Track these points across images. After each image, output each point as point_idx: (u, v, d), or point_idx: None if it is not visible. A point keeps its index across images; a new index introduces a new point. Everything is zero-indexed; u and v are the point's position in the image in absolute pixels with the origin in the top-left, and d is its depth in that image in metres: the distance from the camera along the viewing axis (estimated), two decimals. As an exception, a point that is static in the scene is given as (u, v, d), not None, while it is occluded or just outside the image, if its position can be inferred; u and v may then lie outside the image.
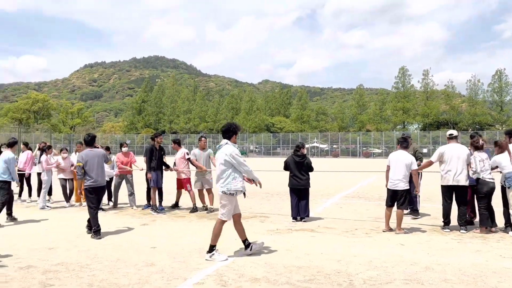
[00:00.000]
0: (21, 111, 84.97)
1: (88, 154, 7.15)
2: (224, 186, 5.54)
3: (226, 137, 5.77)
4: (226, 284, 4.42)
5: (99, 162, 7.19)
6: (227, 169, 5.56)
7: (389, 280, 4.54)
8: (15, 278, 4.68)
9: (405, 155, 7.21)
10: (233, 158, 5.53)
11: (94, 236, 6.78)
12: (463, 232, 7.03)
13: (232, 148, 5.64)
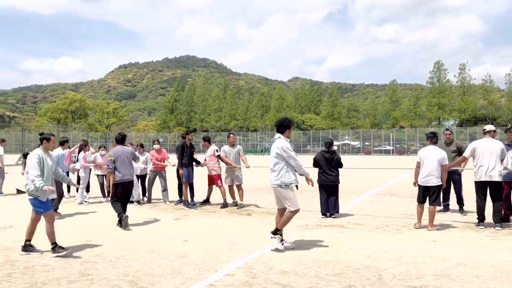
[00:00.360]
0: (59, 111, 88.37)
1: (118, 151, 7.79)
2: (278, 180, 5.70)
3: (279, 131, 5.94)
4: (256, 276, 4.52)
5: (128, 159, 7.80)
6: (279, 162, 5.73)
7: (420, 275, 4.51)
8: (56, 267, 4.96)
9: (437, 150, 7.09)
10: (284, 151, 5.67)
11: (118, 224, 7.39)
12: (498, 229, 6.83)
13: (283, 141, 5.78)
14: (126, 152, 7.84)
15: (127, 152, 7.87)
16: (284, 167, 5.72)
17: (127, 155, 7.82)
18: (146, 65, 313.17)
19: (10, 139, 75.41)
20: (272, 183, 5.81)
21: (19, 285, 4.31)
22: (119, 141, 8.06)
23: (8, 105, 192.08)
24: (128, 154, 7.86)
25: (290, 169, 5.73)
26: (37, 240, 5.82)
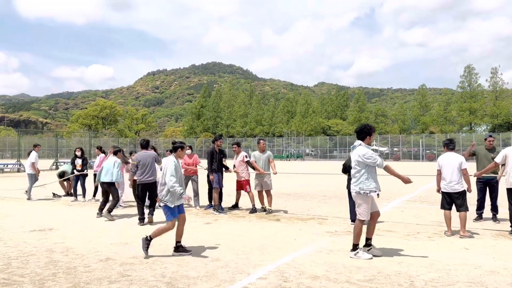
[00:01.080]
0: (90, 117, 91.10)
1: (142, 155, 8.66)
2: (356, 186, 5.74)
3: (359, 138, 5.96)
4: (288, 280, 4.63)
5: (150, 162, 8.60)
6: (361, 169, 5.73)
7: (452, 282, 4.50)
8: (97, 268, 5.22)
9: (454, 156, 7.15)
10: (367, 159, 5.67)
11: (139, 223, 8.35)
12: None
13: (364, 149, 5.79)
14: (148, 156, 8.63)
15: (150, 155, 8.66)
16: (364, 174, 5.70)
17: (149, 158, 8.59)
18: (173, 72, 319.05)
19: (43, 145, 78.18)
20: (351, 189, 5.84)
21: (63, 285, 4.57)
22: (143, 146, 8.96)
23: (41, 111, 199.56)
24: (151, 157, 8.65)
25: (371, 177, 5.72)
26: (74, 242, 6.10)
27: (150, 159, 8.63)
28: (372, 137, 5.93)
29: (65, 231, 7.67)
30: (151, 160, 8.63)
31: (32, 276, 4.90)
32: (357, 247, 5.64)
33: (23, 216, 9.54)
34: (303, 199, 12.56)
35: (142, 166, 8.56)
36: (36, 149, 13.21)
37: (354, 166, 5.83)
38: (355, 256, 5.55)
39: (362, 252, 5.59)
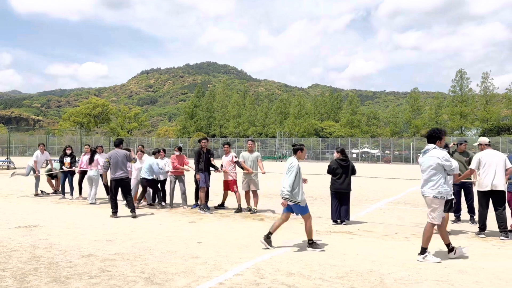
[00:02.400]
0: (82, 115, 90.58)
1: (113, 153, 9.35)
2: (435, 190, 5.68)
3: (431, 142, 5.93)
4: (263, 277, 4.79)
5: (121, 161, 9.24)
6: (438, 173, 5.69)
7: (420, 280, 4.69)
8: (78, 264, 5.33)
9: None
10: (446, 161, 5.68)
11: (112, 215, 9.04)
12: (503, 239, 6.93)
13: (444, 152, 5.83)
14: (119, 154, 9.29)
15: (120, 154, 9.31)
16: (442, 178, 5.69)
17: (120, 157, 9.26)
18: (167, 71, 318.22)
19: (34, 142, 77.75)
20: (427, 193, 5.77)
21: (44, 279, 4.69)
22: (116, 145, 9.61)
23: (33, 108, 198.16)
24: (121, 156, 9.31)
25: (446, 181, 5.78)
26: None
27: (121, 157, 9.26)
28: (442, 141, 5.94)
29: (50, 228, 7.76)
30: (122, 158, 9.26)
31: (14, 270, 5.00)
32: (426, 250, 5.60)
33: (9, 212, 9.60)
34: (290, 199, 12.72)
35: (114, 164, 9.21)
36: (40, 148, 13.35)
37: (429, 170, 5.73)
38: (424, 259, 5.52)
39: (431, 256, 5.59)
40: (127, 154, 9.49)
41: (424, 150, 5.95)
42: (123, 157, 9.33)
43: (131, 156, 9.64)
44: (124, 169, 9.28)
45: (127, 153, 9.52)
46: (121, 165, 9.25)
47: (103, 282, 4.55)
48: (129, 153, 9.61)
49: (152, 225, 8.23)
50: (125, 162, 9.34)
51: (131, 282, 4.55)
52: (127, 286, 4.43)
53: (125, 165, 9.34)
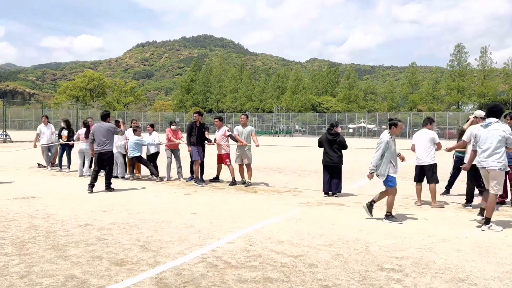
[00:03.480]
0: (78, 89, 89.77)
1: (97, 127, 9.23)
2: (500, 163, 5.86)
3: (492, 116, 6.07)
4: (254, 244, 4.98)
5: (104, 134, 9.11)
6: (501, 146, 5.88)
7: (404, 248, 4.89)
8: (75, 233, 5.51)
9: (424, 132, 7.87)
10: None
11: (88, 188, 8.85)
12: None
13: (507, 126, 6.05)
14: (103, 128, 9.15)
15: (103, 127, 9.17)
16: (504, 151, 5.89)
17: (103, 130, 9.13)
18: (163, 44, 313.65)
19: (30, 116, 77.44)
20: (490, 165, 5.89)
21: (42, 246, 4.86)
22: (102, 118, 9.44)
23: (28, 82, 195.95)
24: (105, 129, 9.16)
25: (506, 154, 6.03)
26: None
27: (104, 131, 9.13)
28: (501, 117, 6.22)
29: (47, 199, 7.92)
30: (105, 132, 9.13)
31: (13, 239, 5.17)
32: (490, 221, 5.82)
33: (7, 184, 9.74)
34: (283, 173, 12.93)
35: (97, 137, 9.15)
36: (43, 120, 13.37)
37: (495, 142, 5.88)
38: (489, 229, 5.75)
39: (495, 225, 5.82)
40: (112, 127, 9.32)
41: (486, 124, 6.08)
42: (107, 130, 9.17)
43: (116, 129, 9.42)
44: (106, 142, 9.14)
45: (112, 127, 9.35)
46: (104, 138, 9.11)
47: (100, 249, 4.73)
48: (114, 127, 9.44)
49: (148, 197, 8.40)
50: (108, 135, 9.18)
51: (127, 250, 4.73)
52: (122, 253, 4.61)
53: (108, 138, 9.17)
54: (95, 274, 3.94)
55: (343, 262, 4.36)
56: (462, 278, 3.94)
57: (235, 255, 4.58)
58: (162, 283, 3.75)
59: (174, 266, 4.20)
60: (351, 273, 4.04)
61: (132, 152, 10.78)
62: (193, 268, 4.14)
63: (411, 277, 3.94)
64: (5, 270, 4.04)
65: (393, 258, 4.53)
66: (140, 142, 10.84)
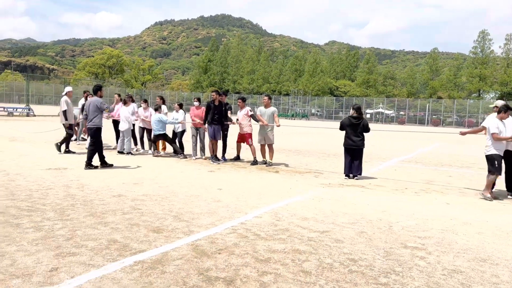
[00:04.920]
0: (97, 65, 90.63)
1: (87, 102, 9.23)
2: None
3: None
4: (280, 219, 5.21)
5: (91, 109, 8.96)
6: None
7: (426, 229, 5.06)
8: (110, 202, 5.82)
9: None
10: None
11: (85, 167, 8.63)
12: (510, 197, 7.24)
13: None
14: (91, 102, 9.04)
15: (92, 102, 9.04)
16: None
17: (92, 105, 8.99)
18: (181, 22, 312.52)
19: (50, 91, 78.79)
20: None
21: (82, 213, 5.17)
22: (93, 92, 9.35)
23: (47, 57, 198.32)
24: (92, 104, 9.00)
25: None
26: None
27: (92, 106, 8.96)
28: None
29: (78, 171, 8.28)
30: (91, 107, 8.95)
31: (53, 205, 5.50)
32: None
33: (38, 156, 10.16)
34: (303, 155, 13.10)
35: (87, 112, 9.09)
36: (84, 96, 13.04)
37: None
38: None
39: None
40: (98, 102, 9.03)
41: None
42: (94, 105, 8.98)
43: (102, 105, 9.06)
44: (92, 118, 8.94)
45: (99, 101, 9.05)
46: (91, 113, 8.96)
47: (136, 218, 5.02)
48: (101, 101, 9.10)
49: (174, 172, 8.70)
50: (95, 111, 8.94)
51: (161, 219, 5.01)
52: (158, 221, 4.89)
53: (96, 115, 8.94)
54: (135, 239, 4.23)
55: (368, 239, 4.56)
56: (483, 258, 4.10)
57: (264, 228, 4.82)
58: (198, 249, 4.01)
59: (208, 235, 4.46)
60: (376, 249, 4.23)
61: (156, 130, 11.03)
62: (225, 238, 4.39)
63: (434, 255, 4.12)
64: (51, 233, 4.36)
65: (416, 237, 4.70)
66: (162, 120, 11.03)
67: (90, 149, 8.85)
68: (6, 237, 4.16)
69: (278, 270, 3.60)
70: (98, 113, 9.00)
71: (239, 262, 3.74)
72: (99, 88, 9.27)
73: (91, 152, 8.79)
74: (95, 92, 9.24)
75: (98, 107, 8.98)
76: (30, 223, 4.66)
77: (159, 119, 11.02)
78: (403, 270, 3.69)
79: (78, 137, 13.67)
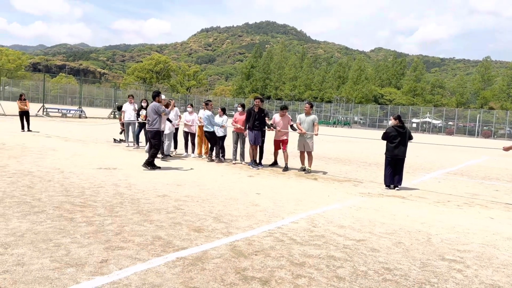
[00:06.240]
0: (145, 70, 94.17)
1: (149, 106, 9.81)
2: None
3: None
4: (316, 226, 5.30)
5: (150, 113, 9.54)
6: None
7: (466, 242, 4.96)
8: (155, 201, 6.14)
9: None
10: None
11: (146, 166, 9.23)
12: None
13: None
14: (151, 107, 9.57)
15: (150, 107, 9.62)
16: None
17: (150, 109, 9.58)
18: (226, 29, 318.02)
19: (100, 95, 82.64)
20: None
21: (129, 211, 5.51)
22: (152, 97, 9.88)
23: (99, 62, 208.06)
24: (150, 108, 9.60)
25: None
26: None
27: (150, 110, 9.58)
28: None
29: (127, 171, 8.75)
30: (150, 111, 9.56)
31: (103, 202, 5.90)
32: None
33: (89, 156, 10.80)
34: (343, 163, 13.03)
35: (148, 116, 9.69)
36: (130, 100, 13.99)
37: None
38: None
39: None
40: (156, 106, 9.56)
41: None
42: (151, 110, 9.55)
43: (159, 109, 9.58)
44: (150, 121, 9.50)
45: (156, 106, 9.58)
46: (150, 117, 9.55)
47: (179, 217, 5.29)
48: (158, 105, 9.60)
49: (215, 175, 8.98)
50: (152, 115, 9.49)
51: (202, 219, 5.25)
52: (199, 222, 5.13)
53: (155, 119, 9.48)
54: (177, 237, 4.48)
55: (405, 250, 4.55)
56: (525, 275, 3.99)
57: (300, 233, 4.93)
58: (236, 250, 4.19)
59: (245, 237, 4.64)
60: (412, 260, 4.23)
61: (206, 127, 11.37)
62: (262, 240, 4.55)
63: (472, 269, 4.06)
64: (102, 228, 4.70)
65: (455, 250, 4.64)
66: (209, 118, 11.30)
67: (152, 151, 9.41)
68: (62, 230, 4.54)
69: (312, 274, 3.70)
70: (158, 117, 9.55)
71: (274, 264, 3.88)
72: (158, 94, 9.86)
73: (152, 154, 9.39)
74: (154, 97, 9.81)
75: (156, 111, 9.54)
76: (83, 218, 5.04)
77: (207, 117, 11.35)
78: (438, 282, 3.69)
79: (127, 137, 14.26)
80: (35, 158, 9.72)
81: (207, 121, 11.37)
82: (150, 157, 9.37)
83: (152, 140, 9.56)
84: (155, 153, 9.46)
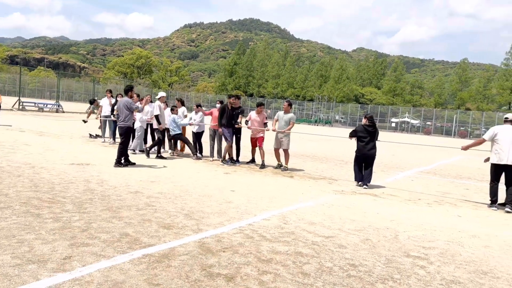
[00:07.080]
0: (126, 65, 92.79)
1: (119, 101, 9.62)
2: None
3: None
4: (287, 223, 5.33)
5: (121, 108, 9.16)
6: None
7: (432, 239, 5.08)
8: (127, 198, 6.07)
9: None
10: None
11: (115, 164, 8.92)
12: (508, 210, 7.14)
13: None
14: (123, 102, 9.23)
15: (123, 102, 9.23)
16: None
17: (121, 105, 9.22)
18: (210, 25, 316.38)
19: (80, 88, 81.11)
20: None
21: (99, 207, 5.44)
22: (124, 92, 9.63)
23: (79, 55, 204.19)
24: (122, 104, 9.23)
25: None
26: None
27: (123, 106, 9.15)
28: None
29: (100, 167, 8.62)
30: (122, 107, 9.13)
31: (72, 198, 5.80)
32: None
33: (63, 151, 10.60)
34: (320, 161, 13.15)
35: (120, 112, 9.24)
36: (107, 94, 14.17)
37: None
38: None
39: None
40: (127, 103, 9.19)
41: None
42: (123, 105, 9.15)
43: (131, 105, 9.20)
44: (122, 117, 9.13)
45: (128, 102, 9.20)
46: (121, 113, 9.17)
47: (149, 214, 5.25)
48: (130, 101, 9.26)
49: (191, 172, 8.94)
50: (123, 111, 9.11)
51: (173, 216, 5.22)
52: (169, 218, 5.10)
53: (124, 114, 9.11)
54: (146, 234, 4.44)
55: (371, 246, 4.63)
56: (485, 271, 4.11)
57: (270, 230, 4.96)
58: (204, 246, 4.19)
59: (215, 234, 4.63)
60: (377, 256, 4.30)
61: (172, 130, 11.32)
62: (231, 237, 4.55)
63: (435, 265, 4.16)
64: (68, 224, 4.62)
65: (420, 247, 4.74)
66: (175, 121, 11.30)
67: (120, 148, 9.04)
68: (27, 226, 4.44)
69: (278, 270, 3.73)
70: (129, 113, 9.17)
71: (241, 260, 3.89)
72: (130, 89, 9.41)
73: (121, 151, 9.02)
74: (126, 92, 9.43)
75: (128, 107, 9.13)
76: (50, 214, 4.95)
77: (173, 120, 11.31)
78: (401, 278, 3.76)
79: (103, 133, 14.09)
80: (6, 153, 9.48)
81: (173, 125, 11.35)
82: (119, 155, 9.02)
83: (121, 137, 9.25)
84: (123, 151, 9.09)
